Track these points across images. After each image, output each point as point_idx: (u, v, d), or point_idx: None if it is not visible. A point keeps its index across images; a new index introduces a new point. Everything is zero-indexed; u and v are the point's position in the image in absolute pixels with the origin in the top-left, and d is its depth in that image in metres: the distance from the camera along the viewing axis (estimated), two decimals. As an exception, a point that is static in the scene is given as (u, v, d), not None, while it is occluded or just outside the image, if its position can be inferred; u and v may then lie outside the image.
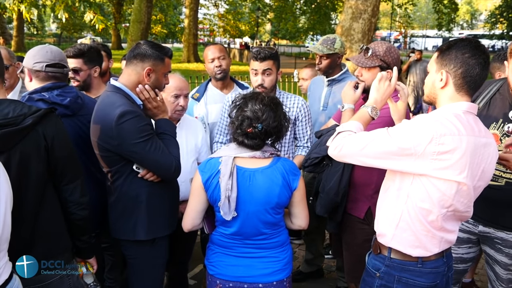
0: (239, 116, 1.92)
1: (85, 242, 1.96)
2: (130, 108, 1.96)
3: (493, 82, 2.36)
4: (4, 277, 1.46)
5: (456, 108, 1.62)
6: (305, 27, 31.25)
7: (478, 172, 1.61)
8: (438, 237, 1.68)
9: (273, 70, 2.60)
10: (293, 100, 2.79)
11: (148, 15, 18.90)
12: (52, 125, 1.73)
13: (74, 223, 1.87)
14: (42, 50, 2.17)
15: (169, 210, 2.24)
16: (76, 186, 1.83)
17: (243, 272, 1.98)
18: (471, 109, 1.64)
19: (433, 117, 1.60)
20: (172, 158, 2.05)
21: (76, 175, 1.84)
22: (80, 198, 1.85)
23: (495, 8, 33.63)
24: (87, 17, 9.85)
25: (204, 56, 3.21)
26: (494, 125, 2.22)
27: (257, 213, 1.90)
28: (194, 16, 25.86)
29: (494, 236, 2.24)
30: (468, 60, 1.60)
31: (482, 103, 2.29)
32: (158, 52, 2.06)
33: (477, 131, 1.59)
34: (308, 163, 2.33)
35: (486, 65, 1.61)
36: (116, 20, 29.92)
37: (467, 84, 1.61)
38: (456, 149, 1.52)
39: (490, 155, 1.64)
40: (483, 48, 1.65)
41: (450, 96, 1.65)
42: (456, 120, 1.56)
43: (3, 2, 9.87)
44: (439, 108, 1.68)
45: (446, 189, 1.58)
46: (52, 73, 2.15)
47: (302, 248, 4.04)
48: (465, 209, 1.67)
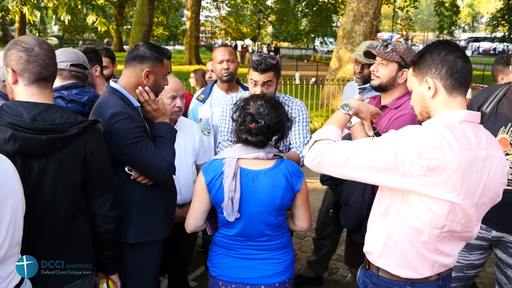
0: (241, 113, 1.93)
1: (109, 257, 1.93)
2: (122, 109, 1.96)
3: (499, 87, 2.36)
4: (16, 281, 1.46)
5: (451, 118, 1.48)
6: (306, 30, 31.28)
7: (477, 189, 1.47)
8: (431, 260, 1.55)
9: (273, 81, 2.51)
10: (291, 103, 2.74)
11: (150, 17, 18.95)
12: (93, 137, 1.74)
13: (100, 236, 1.85)
14: (67, 51, 2.29)
15: (163, 214, 2.21)
16: (107, 199, 1.82)
17: (246, 273, 1.98)
18: (470, 118, 1.50)
19: (424, 129, 1.47)
20: (162, 160, 2.02)
21: (108, 189, 1.84)
22: (109, 212, 1.83)
23: (497, 11, 33.61)
24: (89, 19, 9.87)
25: (213, 56, 3.22)
26: (503, 129, 2.21)
27: (260, 215, 1.91)
28: (195, 19, 25.93)
29: (507, 240, 2.23)
30: (447, 57, 1.49)
31: (490, 108, 2.28)
32: (157, 53, 2.06)
33: (475, 144, 1.45)
34: (326, 176, 2.25)
35: (466, 58, 1.51)
36: (118, 22, 29.99)
37: (457, 81, 1.49)
38: (446, 165, 1.39)
39: (493, 168, 1.49)
40: (455, 43, 1.56)
41: (443, 102, 1.51)
42: (448, 132, 1.43)
43: (6, 4, 9.89)
44: (433, 118, 1.54)
45: (437, 208, 1.44)
46: (75, 73, 2.26)
47: (303, 250, 4.04)
48: (464, 230, 1.52)
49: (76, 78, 2.26)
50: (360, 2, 10.53)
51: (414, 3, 25.45)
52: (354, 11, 10.61)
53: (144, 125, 2.06)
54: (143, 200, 2.11)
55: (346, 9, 11.13)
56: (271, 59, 2.49)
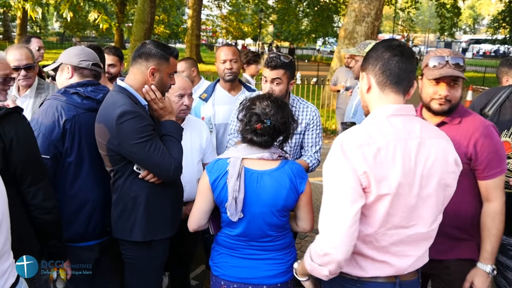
0: (247, 113, 1.93)
1: (52, 246, 1.92)
2: (131, 108, 1.96)
3: (502, 89, 2.35)
4: (12, 280, 1.43)
5: (381, 113, 1.50)
6: (307, 30, 31.26)
7: (414, 179, 1.44)
8: (378, 260, 1.52)
9: (283, 80, 2.50)
10: (306, 108, 2.72)
11: (152, 15, 18.86)
12: (11, 126, 1.68)
13: (39, 227, 1.82)
14: (85, 49, 2.32)
15: (170, 213, 2.22)
16: (38, 189, 1.78)
17: (248, 273, 1.98)
18: (399, 111, 1.50)
19: (345, 135, 1.47)
20: (171, 160, 2.04)
21: (38, 178, 1.78)
22: (43, 202, 1.79)
23: (498, 13, 33.58)
24: (91, 17, 9.87)
25: (216, 55, 3.24)
26: (506, 132, 2.21)
27: (263, 215, 1.91)
28: (197, 17, 25.87)
29: (507, 243, 2.24)
30: (383, 55, 1.51)
31: (492, 110, 2.28)
32: (163, 51, 2.06)
33: (403, 134, 1.45)
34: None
35: (404, 57, 1.50)
36: (119, 20, 29.94)
37: (389, 78, 1.50)
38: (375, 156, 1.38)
39: (431, 156, 1.47)
40: (398, 42, 1.56)
41: (377, 97, 1.54)
42: (372, 128, 1.45)
43: (8, 1, 9.89)
44: (369, 115, 1.56)
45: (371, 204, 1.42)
46: (94, 71, 2.29)
47: (304, 250, 4.04)
48: (407, 224, 1.48)
49: (93, 77, 2.30)
50: (362, 3, 10.53)
51: (416, 4, 25.44)
52: (356, 12, 10.61)
53: (152, 124, 2.07)
54: (151, 199, 2.12)
55: (347, 10, 11.13)
56: (284, 58, 2.51)
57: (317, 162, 2.71)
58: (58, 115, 2.10)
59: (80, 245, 2.24)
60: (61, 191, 2.16)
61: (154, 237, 2.16)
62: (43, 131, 2.08)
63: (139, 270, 2.20)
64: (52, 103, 2.15)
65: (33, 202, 1.78)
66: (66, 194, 2.17)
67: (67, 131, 2.10)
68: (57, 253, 1.96)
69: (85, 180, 2.18)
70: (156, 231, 2.16)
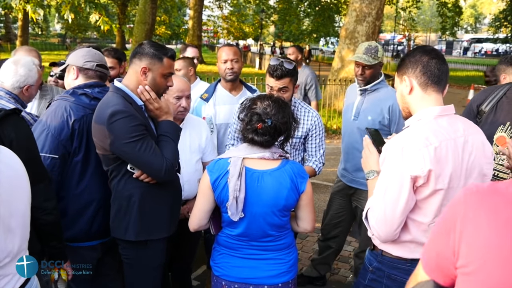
0: (248, 113, 1.93)
1: (53, 247, 1.92)
2: (122, 108, 1.96)
3: (499, 87, 2.37)
4: (24, 277, 1.45)
5: (427, 115, 1.64)
6: (308, 30, 31.26)
7: (461, 173, 1.62)
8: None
9: (289, 87, 2.48)
10: (308, 113, 2.69)
11: (153, 16, 18.92)
12: (11, 127, 1.68)
13: (40, 228, 1.82)
14: (91, 51, 2.33)
15: (166, 213, 2.21)
16: (38, 190, 1.76)
17: (249, 273, 1.98)
18: (444, 112, 1.66)
19: (401, 141, 1.61)
20: (163, 160, 2.02)
21: (38, 179, 1.77)
22: (44, 203, 1.79)
23: (500, 12, 33.57)
24: (92, 18, 9.89)
25: (217, 55, 3.23)
26: (502, 128, 2.23)
27: (264, 215, 1.91)
28: (198, 18, 25.93)
29: None
30: (422, 59, 1.66)
31: (489, 106, 2.30)
32: (155, 51, 2.05)
33: (452, 133, 1.61)
34: None
35: (441, 59, 1.67)
36: (121, 21, 30.00)
37: (430, 78, 1.65)
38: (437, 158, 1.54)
39: (473, 151, 1.64)
40: (431, 47, 1.74)
41: (420, 98, 1.68)
42: (426, 129, 1.59)
43: (9, 2, 9.91)
44: (412, 116, 1.70)
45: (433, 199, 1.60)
46: (99, 72, 2.31)
47: (305, 250, 4.04)
48: None
49: (99, 78, 2.32)
50: (363, 3, 10.52)
51: (417, 4, 25.43)
52: (357, 11, 10.60)
53: (146, 124, 2.06)
54: (145, 199, 2.12)
55: (348, 9, 11.13)
56: (287, 65, 2.45)
57: (322, 165, 2.73)
58: (67, 115, 2.12)
59: (83, 245, 2.25)
60: (67, 189, 2.18)
61: (149, 237, 2.15)
62: (52, 131, 2.10)
63: (137, 270, 2.20)
64: (60, 103, 2.17)
65: (34, 202, 1.77)
66: (72, 193, 2.19)
67: (76, 131, 2.13)
68: (58, 253, 1.97)
69: (91, 180, 2.21)
70: (152, 231, 2.16)
